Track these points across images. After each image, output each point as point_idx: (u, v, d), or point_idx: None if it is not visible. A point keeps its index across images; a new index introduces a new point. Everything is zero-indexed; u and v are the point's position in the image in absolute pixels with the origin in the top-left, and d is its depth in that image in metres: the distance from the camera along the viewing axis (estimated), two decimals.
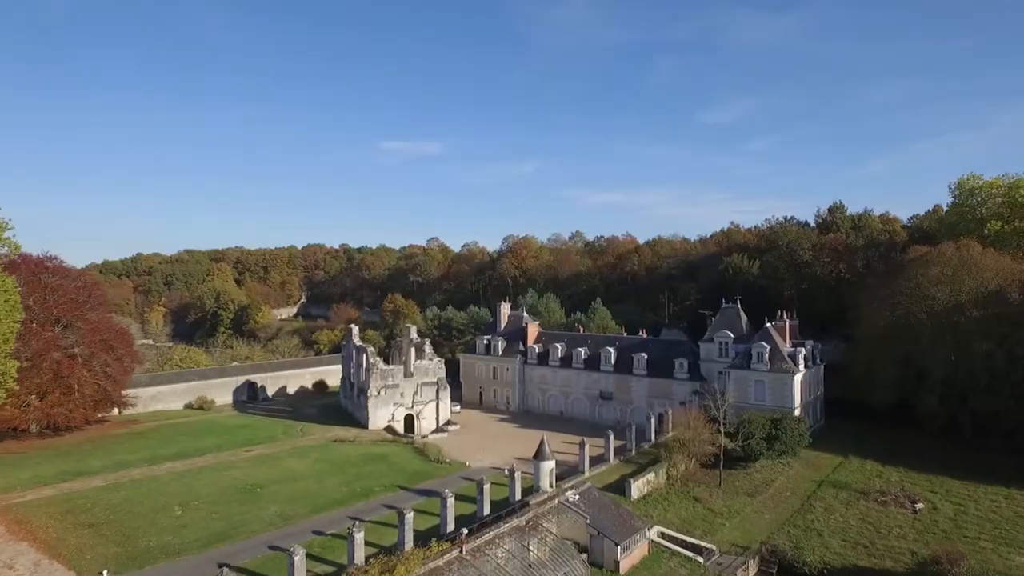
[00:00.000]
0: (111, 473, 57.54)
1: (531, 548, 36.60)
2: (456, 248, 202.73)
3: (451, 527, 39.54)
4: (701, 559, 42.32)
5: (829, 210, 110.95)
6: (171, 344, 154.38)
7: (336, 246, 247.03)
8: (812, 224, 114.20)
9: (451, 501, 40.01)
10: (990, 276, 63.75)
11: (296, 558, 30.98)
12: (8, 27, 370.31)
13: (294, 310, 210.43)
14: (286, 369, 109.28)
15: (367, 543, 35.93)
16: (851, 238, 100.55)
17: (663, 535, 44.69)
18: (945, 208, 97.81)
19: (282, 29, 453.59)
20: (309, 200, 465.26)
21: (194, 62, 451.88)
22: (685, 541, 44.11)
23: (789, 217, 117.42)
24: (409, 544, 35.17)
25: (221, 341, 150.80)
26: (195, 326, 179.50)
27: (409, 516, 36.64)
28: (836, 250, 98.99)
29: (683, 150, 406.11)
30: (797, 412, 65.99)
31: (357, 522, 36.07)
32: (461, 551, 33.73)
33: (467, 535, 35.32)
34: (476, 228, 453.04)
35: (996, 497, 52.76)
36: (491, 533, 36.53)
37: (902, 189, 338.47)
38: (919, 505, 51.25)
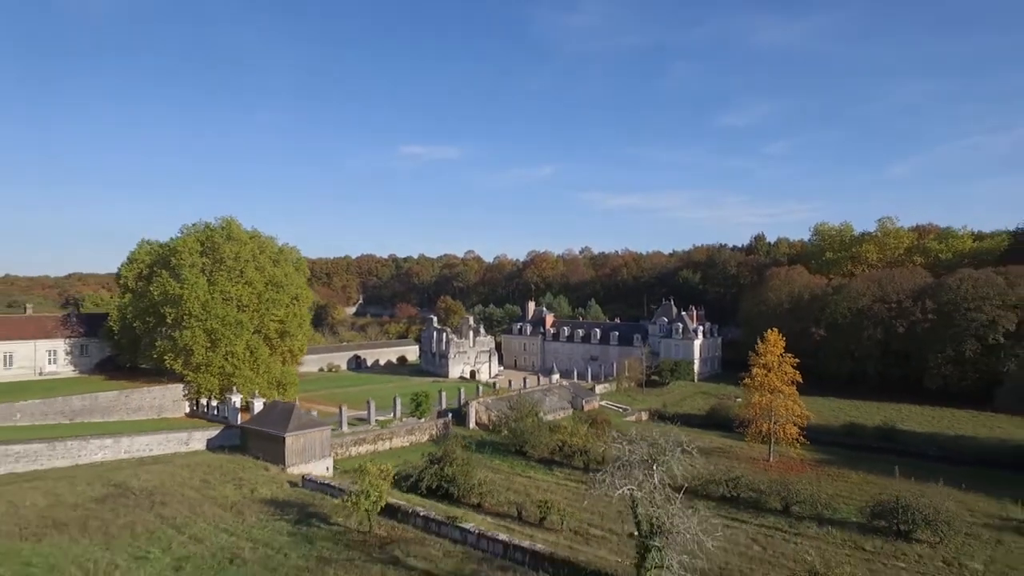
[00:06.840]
0: (328, 389, 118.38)
1: (547, 397, 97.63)
2: (488, 258, 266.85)
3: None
4: (621, 410, 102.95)
5: (755, 238, 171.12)
6: None
7: (385, 256, 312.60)
8: (744, 247, 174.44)
9: (514, 382, 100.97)
10: (797, 287, 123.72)
11: (462, 390, 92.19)
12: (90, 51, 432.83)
13: (353, 309, 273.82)
14: (377, 348, 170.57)
15: None
16: (763, 258, 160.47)
17: (607, 402, 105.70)
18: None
19: (293, 31, 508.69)
20: (350, 209, 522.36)
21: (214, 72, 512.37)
22: (615, 405, 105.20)
23: (724, 244, 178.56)
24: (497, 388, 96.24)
25: (328, 329, 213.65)
26: None
27: (494, 382, 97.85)
28: (752, 267, 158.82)
29: (701, 154, 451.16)
30: (696, 362, 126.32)
31: (478, 387, 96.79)
32: (519, 392, 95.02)
33: (521, 387, 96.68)
34: (499, 231, 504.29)
35: None
36: (531, 388, 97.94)
37: (922, 191, 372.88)
38: (739, 399, 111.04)
